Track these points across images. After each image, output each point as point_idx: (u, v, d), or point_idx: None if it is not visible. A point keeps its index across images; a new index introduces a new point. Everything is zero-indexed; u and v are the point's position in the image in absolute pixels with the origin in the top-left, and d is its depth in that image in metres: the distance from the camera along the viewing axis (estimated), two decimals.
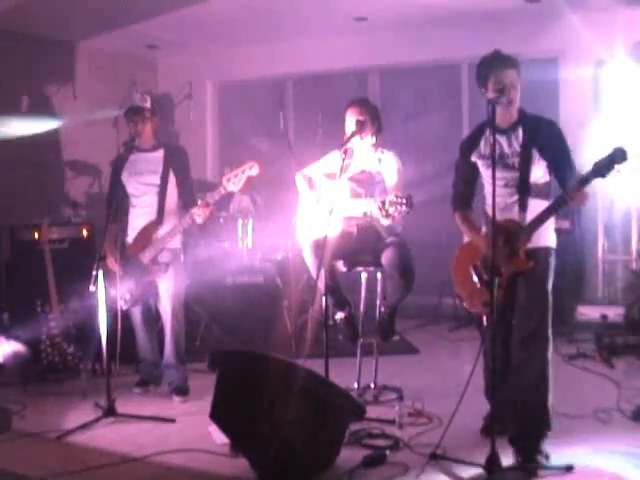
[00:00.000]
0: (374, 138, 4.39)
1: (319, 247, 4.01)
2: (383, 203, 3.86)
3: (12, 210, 6.15)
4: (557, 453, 3.40)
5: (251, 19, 6.48)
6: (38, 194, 6.67)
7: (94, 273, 4.06)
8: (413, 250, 4.34)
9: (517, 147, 3.43)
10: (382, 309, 4.41)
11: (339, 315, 4.45)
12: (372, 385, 4.42)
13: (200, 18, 6.38)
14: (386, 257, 4.26)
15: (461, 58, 6.90)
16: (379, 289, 4.46)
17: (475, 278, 3.55)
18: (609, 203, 6.27)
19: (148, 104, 4.46)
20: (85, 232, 6.03)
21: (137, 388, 4.64)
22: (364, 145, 4.39)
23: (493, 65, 3.43)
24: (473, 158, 3.60)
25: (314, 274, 4.15)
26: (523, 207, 3.39)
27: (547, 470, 3.23)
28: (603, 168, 3.11)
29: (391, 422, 3.84)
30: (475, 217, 3.72)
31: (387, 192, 4.19)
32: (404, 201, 3.83)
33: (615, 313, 5.60)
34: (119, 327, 4.23)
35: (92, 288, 4.06)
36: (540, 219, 3.33)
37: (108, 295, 4.17)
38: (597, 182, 3.19)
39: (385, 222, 4.03)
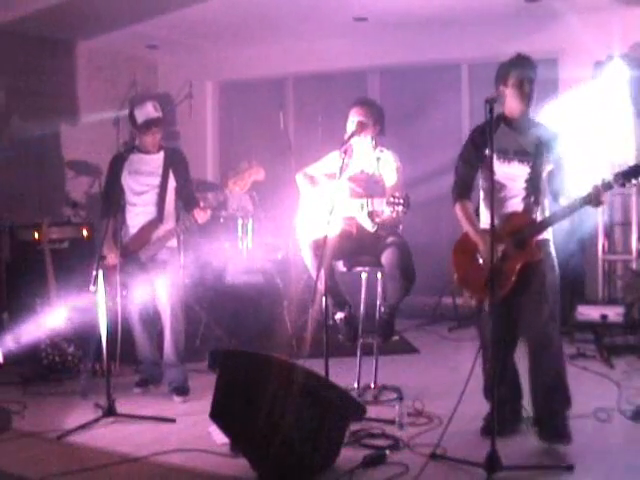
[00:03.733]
0: (374, 140, 4.39)
1: (319, 247, 4.01)
2: (370, 214, 3.96)
3: (12, 210, 6.15)
4: (557, 453, 3.40)
5: (251, 19, 6.48)
6: (38, 194, 6.67)
7: (94, 273, 4.06)
8: (413, 250, 4.34)
9: (532, 144, 3.58)
10: (382, 309, 4.41)
11: (339, 315, 4.45)
12: (372, 385, 4.42)
13: (200, 18, 6.37)
14: (386, 257, 4.26)
15: (461, 58, 6.91)
16: (379, 289, 4.46)
17: (481, 261, 3.59)
18: (609, 203, 6.28)
19: (159, 112, 4.50)
20: (85, 232, 6.03)
21: (137, 388, 4.64)
22: (364, 145, 4.40)
23: (516, 63, 3.60)
24: (487, 150, 3.58)
25: (313, 274, 4.15)
26: (536, 202, 3.55)
27: (547, 470, 3.23)
28: (625, 178, 3.29)
29: (391, 422, 3.83)
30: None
31: (386, 192, 4.20)
32: (401, 201, 3.84)
33: (615, 313, 5.60)
34: (119, 327, 4.23)
35: (92, 288, 4.06)
36: (559, 216, 3.52)
37: (108, 294, 4.17)
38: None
39: (371, 228, 4.12)
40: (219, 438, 3.63)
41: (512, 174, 3.58)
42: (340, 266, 4.47)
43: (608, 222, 6.24)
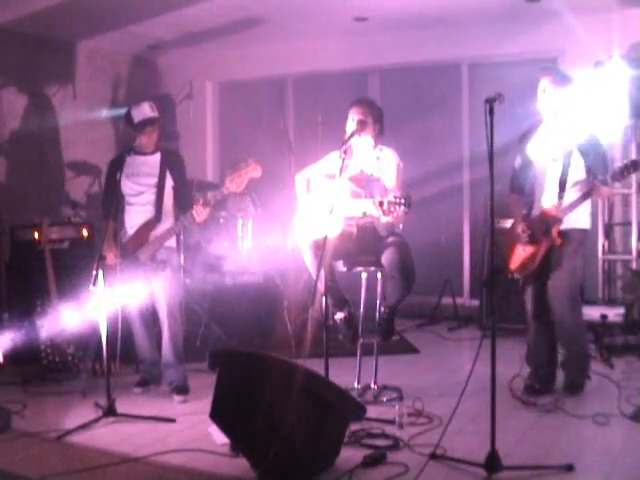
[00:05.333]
0: (374, 140, 4.39)
1: (319, 247, 4.01)
2: (381, 203, 3.88)
3: (12, 210, 6.15)
4: (557, 453, 3.40)
5: (251, 19, 6.48)
6: (38, 194, 6.67)
7: (94, 273, 4.06)
8: (413, 250, 4.34)
9: (564, 145, 4.14)
10: (382, 309, 4.41)
11: (339, 315, 4.44)
12: (372, 385, 4.42)
13: (200, 18, 6.37)
14: (386, 257, 4.26)
15: (461, 58, 6.90)
16: (379, 289, 4.46)
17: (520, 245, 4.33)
18: (609, 203, 6.28)
19: (156, 112, 4.50)
20: (85, 232, 6.03)
21: (137, 388, 4.64)
22: (363, 145, 4.40)
23: (541, 71, 4.29)
24: (528, 150, 4.31)
25: (313, 274, 4.15)
26: (561, 196, 4.15)
27: (547, 470, 3.24)
28: (619, 175, 3.96)
29: (391, 422, 3.83)
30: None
31: (386, 191, 4.19)
32: (403, 201, 3.84)
33: (615, 313, 5.61)
34: (119, 326, 4.23)
35: (92, 288, 4.07)
36: (568, 208, 4.13)
37: (108, 294, 4.17)
38: None
39: (384, 219, 4.06)
40: (219, 438, 3.63)
41: (545, 172, 4.22)
42: (340, 266, 4.47)
43: (608, 222, 6.24)
